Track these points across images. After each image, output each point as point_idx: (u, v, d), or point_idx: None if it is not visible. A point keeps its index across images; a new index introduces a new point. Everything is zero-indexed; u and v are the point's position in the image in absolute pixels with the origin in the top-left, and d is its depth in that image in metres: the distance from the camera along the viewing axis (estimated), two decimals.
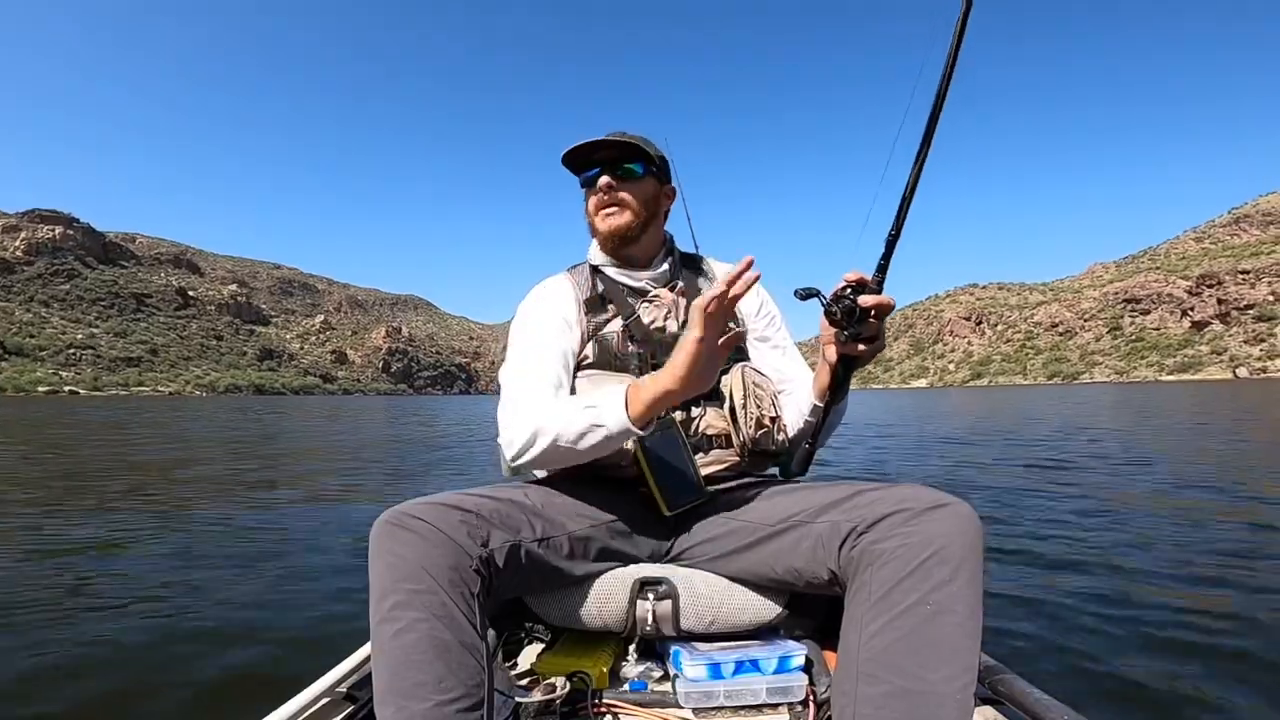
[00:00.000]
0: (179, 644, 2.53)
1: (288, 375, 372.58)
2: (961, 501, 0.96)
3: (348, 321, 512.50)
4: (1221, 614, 2.68)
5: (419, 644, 0.88)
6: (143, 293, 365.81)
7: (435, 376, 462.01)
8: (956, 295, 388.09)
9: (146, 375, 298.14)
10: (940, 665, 0.85)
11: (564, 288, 1.42)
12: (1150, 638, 2.49)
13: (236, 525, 4.80)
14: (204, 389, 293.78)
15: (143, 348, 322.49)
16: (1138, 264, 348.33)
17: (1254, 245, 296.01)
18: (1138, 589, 3.03)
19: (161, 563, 3.71)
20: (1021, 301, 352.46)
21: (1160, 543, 3.89)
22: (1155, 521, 4.48)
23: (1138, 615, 2.71)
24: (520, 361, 1.30)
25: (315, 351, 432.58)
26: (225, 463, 9.38)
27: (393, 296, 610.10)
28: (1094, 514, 4.80)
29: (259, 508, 5.58)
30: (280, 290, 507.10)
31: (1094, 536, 4.09)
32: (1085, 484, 6.24)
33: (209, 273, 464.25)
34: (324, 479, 7.63)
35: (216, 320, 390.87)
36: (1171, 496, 5.47)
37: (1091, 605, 2.83)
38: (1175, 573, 3.27)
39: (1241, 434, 11.66)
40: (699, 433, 1.32)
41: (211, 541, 4.25)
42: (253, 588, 3.24)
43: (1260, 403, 25.38)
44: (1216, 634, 2.49)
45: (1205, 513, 4.74)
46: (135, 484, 6.97)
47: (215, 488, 6.75)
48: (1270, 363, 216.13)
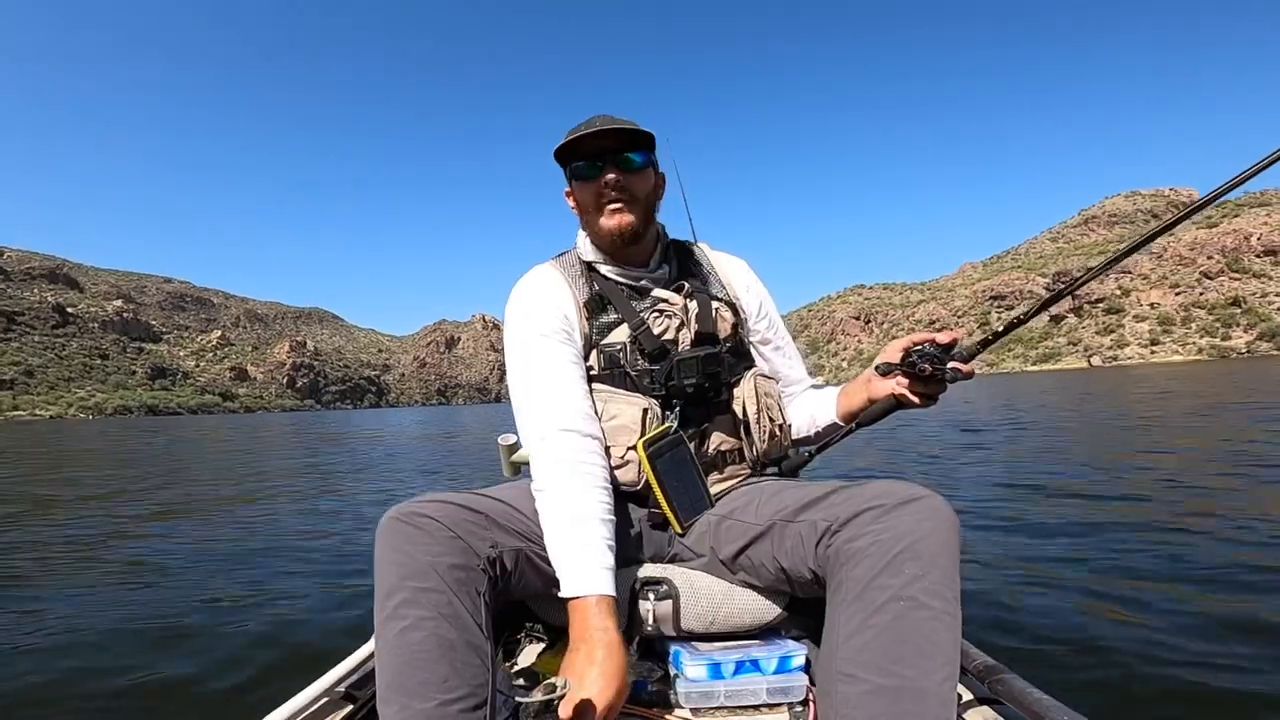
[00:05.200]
0: (179, 644, 2.56)
1: (184, 394, 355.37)
2: (935, 495, 0.95)
3: (248, 336, 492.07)
4: (1222, 614, 2.65)
5: (424, 642, 0.87)
6: (13, 310, 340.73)
7: (344, 391, 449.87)
8: (846, 296, 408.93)
9: (22, 399, 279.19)
10: (919, 660, 0.85)
11: (559, 284, 1.33)
12: (1151, 638, 2.46)
13: (228, 528, 4.91)
14: (89, 411, 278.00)
15: (15, 369, 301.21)
16: (1002, 263, 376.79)
17: (1101, 244, 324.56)
18: (1138, 589, 3.01)
19: (162, 563, 3.85)
20: (904, 301, 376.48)
21: (1161, 543, 3.79)
22: (1150, 521, 4.32)
23: (1138, 615, 2.69)
24: (542, 386, 1.21)
25: (213, 369, 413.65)
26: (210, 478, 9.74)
27: (296, 310, 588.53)
28: (1089, 514, 4.66)
29: (250, 512, 5.77)
30: (171, 305, 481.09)
31: (1095, 537, 4.00)
32: (1065, 481, 6.06)
33: (90, 288, 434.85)
34: None
35: (101, 338, 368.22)
36: (1161, 494, 5.27)
37: (1091, 605, 2.82)
38: (1175, 573, 3.22)
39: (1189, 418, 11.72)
40: (711, 451, 1.30)
41: (209, 544, 4.40)
42: (253, 588, 3.30)
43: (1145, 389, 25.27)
44: (1217, 633, 2.47)
45: (1205, 510, 4.58)
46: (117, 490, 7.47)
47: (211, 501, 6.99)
48: (1120, 351, 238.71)
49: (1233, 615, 2.64)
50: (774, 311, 1.50)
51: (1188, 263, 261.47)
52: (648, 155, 1.30)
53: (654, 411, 1.23)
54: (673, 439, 1.21)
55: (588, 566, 1.01)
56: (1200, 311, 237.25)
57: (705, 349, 1.27)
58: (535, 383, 1.21)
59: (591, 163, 1.27)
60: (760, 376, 1.34)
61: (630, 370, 1.26)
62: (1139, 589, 3.01)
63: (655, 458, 1.17)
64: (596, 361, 1.28)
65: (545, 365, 1.22)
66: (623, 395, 1.25)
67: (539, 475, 1.13)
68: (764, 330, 1.46)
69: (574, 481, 1.09)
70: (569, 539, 1.04)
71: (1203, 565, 3.32)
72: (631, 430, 1.21)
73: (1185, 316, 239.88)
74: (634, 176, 1.28)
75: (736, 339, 1.35)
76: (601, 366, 1.27)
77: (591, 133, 1.24)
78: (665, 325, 1.28)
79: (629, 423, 1.22)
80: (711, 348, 1.28)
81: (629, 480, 1.23)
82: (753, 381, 1.31)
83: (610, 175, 1.25)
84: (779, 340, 1.47)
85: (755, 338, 1.45)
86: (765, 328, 1.46)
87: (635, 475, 1.22)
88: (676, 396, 1.26)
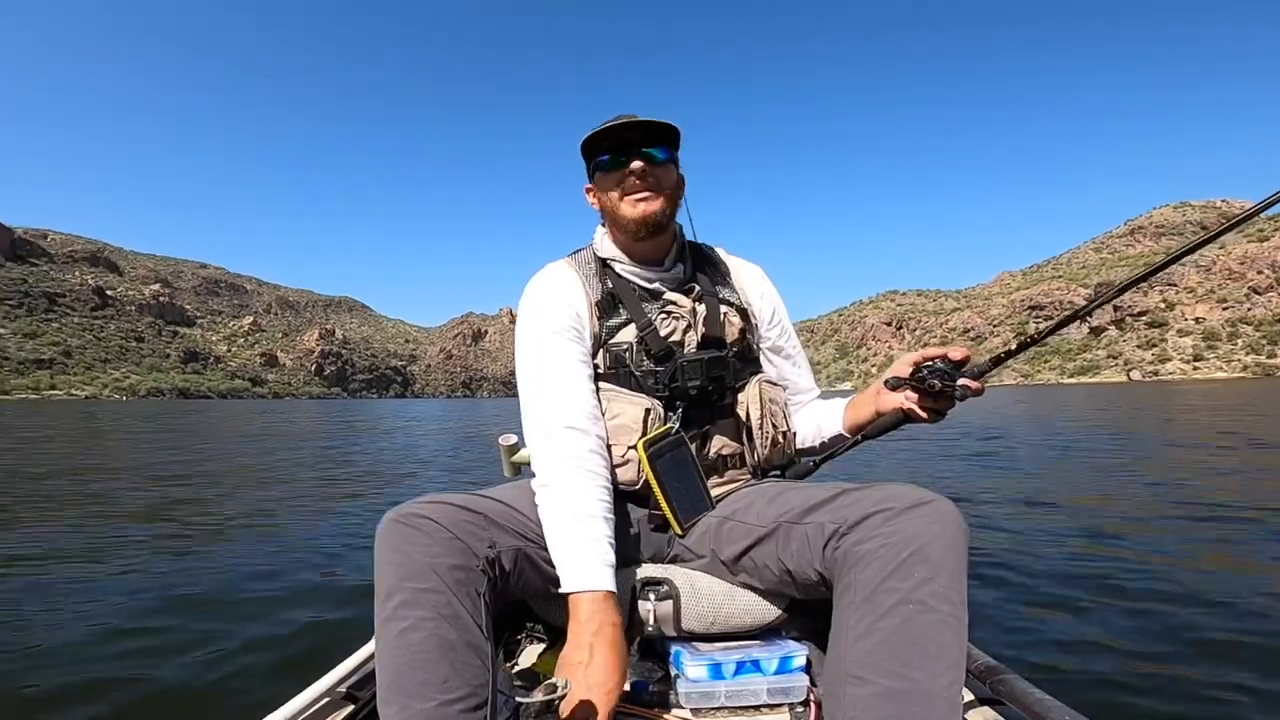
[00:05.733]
0: (178, 644, 2.54)
1: (214, 378, 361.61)
2: (943, 499, 0.95)
3: (278, 323, 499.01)
4: (1223, 613, 2.65)
5: (424, 643, 0.88)
6: (55, 292, 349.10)
7: (370, 380, 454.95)
8: (879, 301, 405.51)
9: (59, 378, 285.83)
10: (926, 663, 0.85)
11: (573, 283, 1.34)
12: (1151, 637, 2.47)
13: (228, 528, 4.85)
14: (123, 392, 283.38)
15: (55, 349, 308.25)
16: (1042, 272, 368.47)
17: (1147, 255, 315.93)
18: (1138, 589, 3.04)
19: (161, 564, 3.74)
20: (938, 308, 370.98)
21: (1162, 543, 3.85)
22: (1156, 523, 4.46)
23: (1139, 615, 2.70)
24: (551, 383, 1.22)
25: (244, 354, 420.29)
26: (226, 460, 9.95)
27: (326, 298, 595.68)
28: (1095, 516, 4.75)
29: (262, 509, 5.72)
30: (206, 290, 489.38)
31: (1095, 536, 4.07)
32: (1072, 484, 6.20)
33: (129, 272, 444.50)
34: None
35: (137, 321, 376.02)
36: (1164, 498, 5.46)
37: (1092, 605, 2.84)
38: (1176, 572, 3.24)
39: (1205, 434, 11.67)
40: (712, 455, 1.31)
41: (208, 545, 4.29)
42: (252, 588, 3.27)
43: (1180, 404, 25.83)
44: (1218, 634, 2.48)
45: (1204, 509, 4.74)
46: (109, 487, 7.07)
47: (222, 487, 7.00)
48: (1161, 366, 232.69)
49: (1233, 615, 2.65)
50: (786, 320, 1.49)
51: (1236, 277, 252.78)
52: (671, 151, 1.31)
53: (656, 412, 1.24)
54: (674, 440, 1.22)
55: (589, 562, 1.02)
56: (1247, 328, 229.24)
57: (710, 352, 1.28)
58: (543, 379, 1.22)
59: (616, 155, 1.28)
60: (766, 382, 1.34)
61: (635, 370, 1.27)
62: (1140, 589, 3.02)
63: (655, 458, 1.18)
64: (603, 360, 1.28)
65: (554, 362, 1.23)
66: (626, 395, 1.26)
67: (542, 471, 1.14)
68: (775, 337, 1.45)
69: (577, 479, 1.10)
70: (570, 535, 1.05)
71: (1203, 564, 3.35)
72: (633, 430, 1.22)
73: (1231, 332, 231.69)
74: (659, 169, 1.29)
75: (744, 344, 1.36)
76: (607, 366, 1.28)
77: (618, 124, 1.25)
78: (672, 327, 1.30)
79: (630, 422, 1.22)
80: (717, 351, 1.29)
81: (629, 479, 1.24)
82: (758, 387, 1.32)
83: (636, 164, 1.26)
84: (790, 349, 1.47)
85: (766, 345, 1.45)
86: (777, 335, 1.46)
87: (635, 475, 1.23)
88: (680, 398, 1.26)
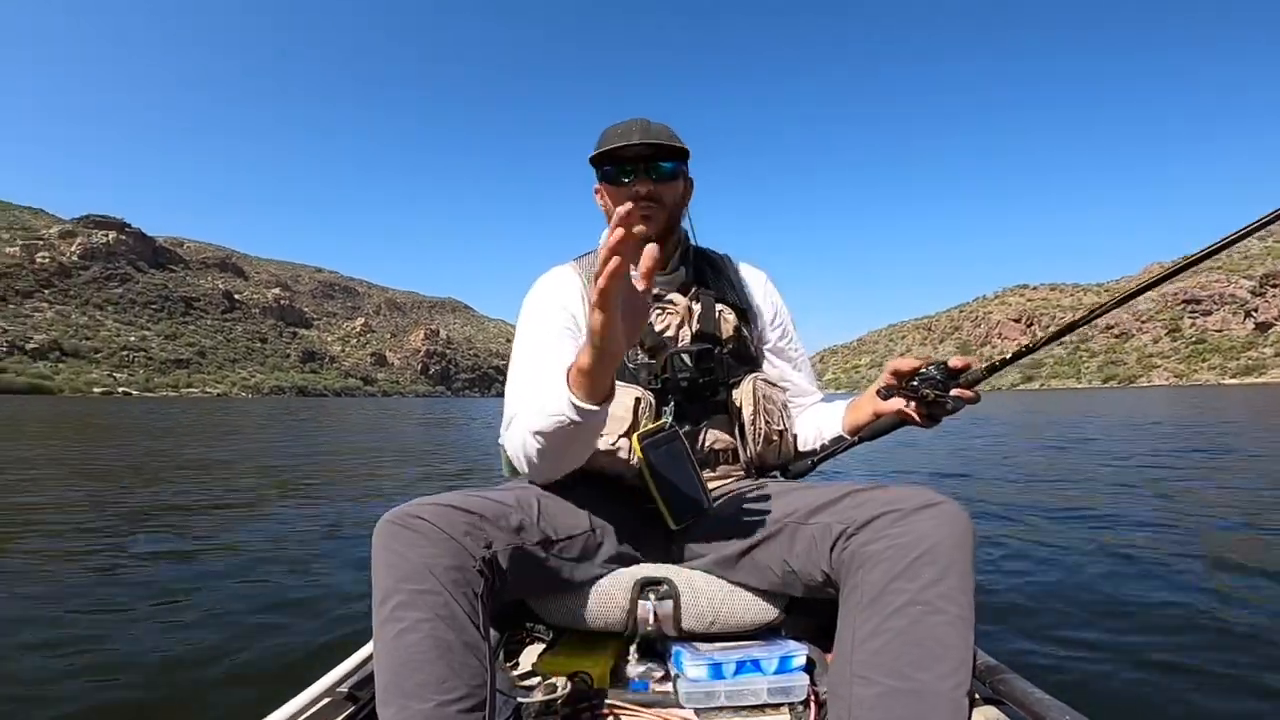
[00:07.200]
0: (178, 644, 2.52)
1: (329, 377, 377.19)
2: (951, 501, 0.96)
3: (387, 324, 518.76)
4: (1223, 613, 2.66)
5: (422, 644, 0.87)
6: (191, 296, 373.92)
7: (473, 379, 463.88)
8: (1005, 297, 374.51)
9: (195, 377, 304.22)
10: (933, 664, 0.85)
11: (571, 282, 1.38)
12: (1152, 637, 2.47)
13: (237, 529, 4.71)
14: (249, 390, 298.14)
15: (191, 350, 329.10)
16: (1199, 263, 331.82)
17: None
18: (1138, 588, 3.04)
19: (160, 565, 3.70)
20: (1075, 303, 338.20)
21: (1163, 544, 3.87)
22: (1153, 524, 4.47)
23: (1139, 615, 2.69)
24: (526, 370, 1.26)
25: (356, 354, 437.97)
26: None
27: (431, 299, 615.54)
28: (1105, 516, 4.77)
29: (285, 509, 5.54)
30: (321, 293, 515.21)
31: (1096, 538, 4.09)
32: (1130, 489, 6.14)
33: (253, 276, 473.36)
34: None
35: (261, 323, 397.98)
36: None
37: (1092, 605, 2.82)
38: (1176, 573, 3.27)
39: None
40: (705, 448, 1.32)
41: (211, 545, 4.18)
42: (252, 588, 3.22)
43: None
44: (1218, 633, 2.48)
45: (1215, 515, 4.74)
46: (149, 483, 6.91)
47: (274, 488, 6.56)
48: None
49: (1234, 616, 2.65)
50: (790, 323, 1.52)
51: None
52: (679, 164, 1.32)
53: (647, 401, 1.24)
54: (669, 433, 1.21)
55: (561, 388, 1.00)
56: None
57: (702, 345, 1.30)
58: (528, 372, 1.25)
59: (622, 169, 1.29)
60: (761, 380, 1.35)
61: (629, 362, 1.29)
62: (1141, 590, 3.03)
63: (650, 450, 1.17)
64: None
65: (542, 358, 1.25)
66: (624, 387, 1.25)
67: (511, 440, 1.16)
68: (777, 339, 1.48)
69: (537, 403, 1.08)
70: (546, 405, 1.03)
71: (1203, 566, 3.38)
72: (622, 418, 1.22)
73: None
74: (663, 186, 1.30)
75: (739, 341, 1.37)
76: None
77: (623, 145, 1.27)
78: (666, 322, 1.32)
79: (620, 410, 1.21)
80: (709, 346, 1.30)
81: (617, 468, 1.24)
82: (752, 383, 1.32)
83: (639, 188, 1.28)
84: (792, 352, 1.50)
85: (768, 346, 1.47)
86: (779, 338, 1.49)
87: (624, 462, 1.22)
88: (672, 391, 1.27)
